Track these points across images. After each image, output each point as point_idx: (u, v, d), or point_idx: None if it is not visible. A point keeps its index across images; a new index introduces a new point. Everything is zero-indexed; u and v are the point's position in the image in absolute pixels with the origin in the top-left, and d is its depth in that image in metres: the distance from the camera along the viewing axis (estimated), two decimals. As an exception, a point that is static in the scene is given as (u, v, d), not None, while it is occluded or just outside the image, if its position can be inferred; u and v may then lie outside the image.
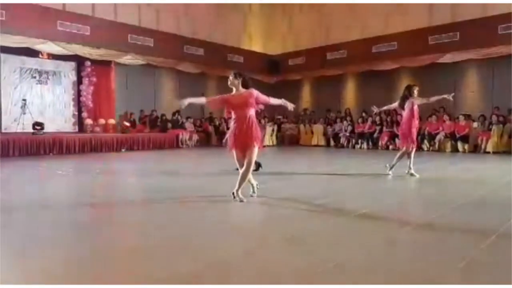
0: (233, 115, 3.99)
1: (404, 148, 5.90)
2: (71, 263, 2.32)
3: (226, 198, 4.13)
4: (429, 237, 2.86)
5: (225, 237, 2.83)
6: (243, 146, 3.90)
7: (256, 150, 3.92)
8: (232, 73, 4.03)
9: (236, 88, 3.99)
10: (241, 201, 3.88)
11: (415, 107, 5.82)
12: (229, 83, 4.01)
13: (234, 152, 3.97)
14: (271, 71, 15.68)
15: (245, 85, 3.98)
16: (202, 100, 4.33)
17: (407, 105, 5.80)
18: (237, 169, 4.08)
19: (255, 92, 3.97)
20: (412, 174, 5.80)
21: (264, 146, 4.77)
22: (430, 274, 2.12)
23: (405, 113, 5.88)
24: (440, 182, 5.53)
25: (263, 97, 4.07)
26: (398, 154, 6.00)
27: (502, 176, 6.01)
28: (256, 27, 16.45)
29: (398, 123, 11.67)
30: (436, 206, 3.84)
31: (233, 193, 3.93)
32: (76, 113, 11.97)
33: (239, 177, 3.93)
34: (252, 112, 3.95)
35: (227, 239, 2.79)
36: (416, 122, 5.89)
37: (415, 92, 5.79)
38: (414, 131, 5.86)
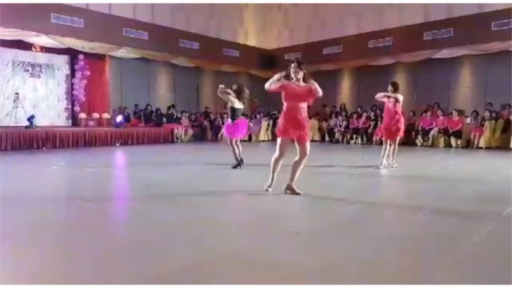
0: (285, 104, 3.94)
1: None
2: (67, 260, 2.32)
3: (226, 193, 4.14)
4: (427, 229, 2.90)
5: (225, 233, 2.83)
6: (294, 136, 3.91)
7: (308, 143, 3.97)
8: (296, 61, 3.96)
9: (296, 78, 3.93)
10: (298, 193, 3.93)
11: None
12: (293, 70, 3.91)
13: (281, 139, 3.95)
14: (267, 65, 15.63)
15: (305, 80, 3.96)
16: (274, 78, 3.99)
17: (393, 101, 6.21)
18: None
19: (314, 89, 3.90)
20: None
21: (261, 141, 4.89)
22: (429, 268, 2.15)
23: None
24: (437, 177, 5.58)
25: (317, 93, 3.93)
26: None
27: (494, 171, 6.08)
28: (252, 21, 16.36)
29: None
30: (435, 199, 3.89)
31: (284, 188, 3.99)
32: (70, 106, 11.87)
33: (292, 170, 3.96)
34: (305, 105, 3.96)
35: (228, 235, 2.80)
36: None
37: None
38: None
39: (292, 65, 3.94)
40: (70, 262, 2.22)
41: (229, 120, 6.26)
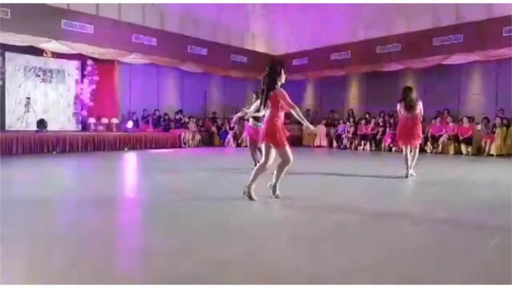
0: (282, 113, 4.01)
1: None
2: (72, 263, 2.33)
3: (229, 198, 4.13)
4: (436, 238, 2.85)
5: (226, 238, 2.82)
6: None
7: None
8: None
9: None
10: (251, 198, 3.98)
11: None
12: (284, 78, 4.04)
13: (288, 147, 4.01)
14: (275, 71, 15.63)
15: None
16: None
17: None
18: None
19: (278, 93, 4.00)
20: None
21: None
22: (435, 277, 2.10)
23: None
24: (447, 184, 5.50)
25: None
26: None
27: (506, 179, 5.97)
28: (260, 27, 16.43)
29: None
30: (445, 207, 3.83)
31: (245, 191, 4.04)
32: (79, 111, 12.03)
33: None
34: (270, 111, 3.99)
35: (229, 240, 2.78)
36: None
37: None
38: None
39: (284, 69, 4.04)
40: (73, 266, 2.23)
41: (252, 123, 6.29)
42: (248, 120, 6.58)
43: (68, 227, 3.15)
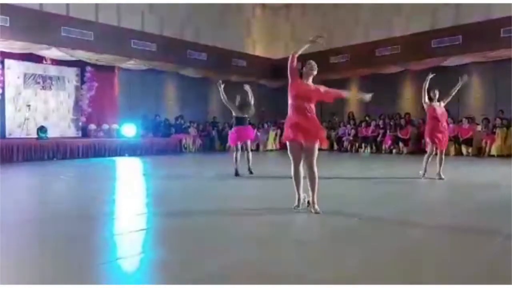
0: (291, 103, 3.66)
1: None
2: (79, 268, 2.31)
3: (231, 203, 4.12)
4: (439, 242, 2.84)
5: (228, 244, 2.80)
6: (302, 138, 3.58)
7: (316, 147, 3.60)
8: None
9: (307, 78, 3.75)
10: (317, 212, 3.52)
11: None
12: (314, 68, 3.74)
13: (288, 144, 3.64)
14: (274, 75, 15.67)
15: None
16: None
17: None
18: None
19: (322, 89, 3.78)
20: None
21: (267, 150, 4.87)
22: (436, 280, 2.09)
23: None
24: (448, 186, 5.49)
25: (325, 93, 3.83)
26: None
27: (507, 179, 5.96)
28: (259, 32, 16.49)
29: (401, 127, 11.64)
30: (446, 210, 3.82)
31: (308, 202, 3.64)
32: (79, 118, 12.02)
33: (309, 184, 3.57)
34: (313, 106, 3.69)
35: (231, 245, 2.77)
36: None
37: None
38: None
39: (313, 63, 3.77)
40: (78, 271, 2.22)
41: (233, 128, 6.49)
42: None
43: (77, 238, 3.13)
